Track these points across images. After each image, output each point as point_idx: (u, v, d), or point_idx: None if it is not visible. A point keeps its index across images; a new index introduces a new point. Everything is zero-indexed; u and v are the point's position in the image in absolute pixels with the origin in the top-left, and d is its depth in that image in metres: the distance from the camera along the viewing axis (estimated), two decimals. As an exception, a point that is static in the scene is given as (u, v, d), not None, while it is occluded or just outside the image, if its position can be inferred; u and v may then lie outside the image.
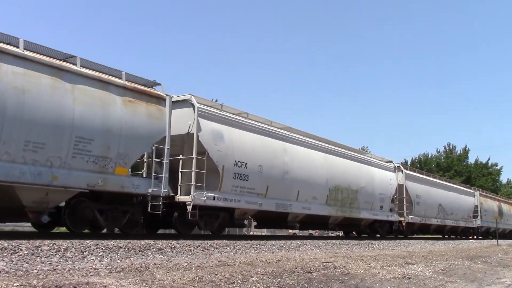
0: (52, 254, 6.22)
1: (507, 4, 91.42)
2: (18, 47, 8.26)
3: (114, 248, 7.18)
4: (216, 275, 5.39)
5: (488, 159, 63.53)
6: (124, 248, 7.30)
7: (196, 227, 12.50)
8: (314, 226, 19.71)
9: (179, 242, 8.80)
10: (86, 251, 6.67)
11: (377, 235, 20.86)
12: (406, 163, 56.38)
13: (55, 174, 8.39)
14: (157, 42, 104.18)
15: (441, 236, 30.72)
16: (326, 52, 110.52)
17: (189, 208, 10.84)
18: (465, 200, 29.70)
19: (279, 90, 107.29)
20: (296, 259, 8.15)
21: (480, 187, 43.17)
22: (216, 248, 8.85)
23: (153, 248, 7.72)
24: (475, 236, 32.67)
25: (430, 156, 62.79)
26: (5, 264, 5.40)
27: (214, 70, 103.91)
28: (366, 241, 15.72)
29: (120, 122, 9.54)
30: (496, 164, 62.93)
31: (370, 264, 7.85)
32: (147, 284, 4.60)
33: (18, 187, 8.04)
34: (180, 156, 11.49)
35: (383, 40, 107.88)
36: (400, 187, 21.47)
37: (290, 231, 27.51)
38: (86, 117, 8.92)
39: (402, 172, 22.08)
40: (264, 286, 5.00)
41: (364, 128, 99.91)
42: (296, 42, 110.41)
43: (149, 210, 10.04)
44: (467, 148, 62.92)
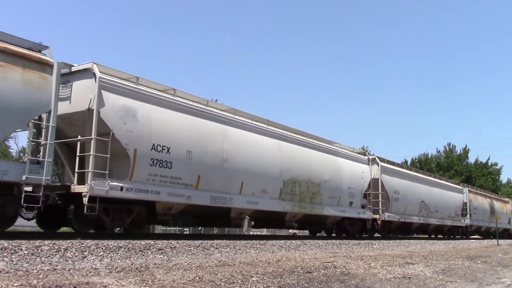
0: (52, 254, 6.22)
1: (507, 4, 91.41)
2: None
3: (114, 248, 7.18)
4: (216, 275, 5.39)
5: (488, 159, 63.59)
6: (124, 248, 7.30)
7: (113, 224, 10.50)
8: (268, 223, 17.02)
9: (179, 242, 8.80)
10: (86, 251, 6.67)
11: (344, 235, 18.65)
12: (406, 163, 56.36)
13: None
14: (156, 42, 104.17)
15: (426, 236, 28.81)
16: (326, 52, 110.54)
17: (85, 200, 8.90)
18: (452, 197, 27.50)
19: (279, 90, 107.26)
20: (296, 259, 8.15)
21: (480, 187, 43.00)
22: (216, 248, 8.85)
23: (153, 248, 7.72)
24: (464, 236, 30.49)
25: (430, 156, 62.80)
26: (5, 264, 5.41)
27: (214, 70, 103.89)
28: (366, 241, 15.71)
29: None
30: (496, 164, 62.98)
31: (370, 264, 7.85)
32: (147, 284, 4.60)
33: None
34: (79, 137, 9.40)
35: (383, 40, 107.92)
36: (374, 182, 19.24)
37: (290, 231, 26.06)
38: None
39: (378, 165, 19.66)
40: (264, 286, 4.99)
41: (364, 128, 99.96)
42: (296, 42, 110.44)
43: (22, 202, 8.18)
44: (467, 148, 62.97)
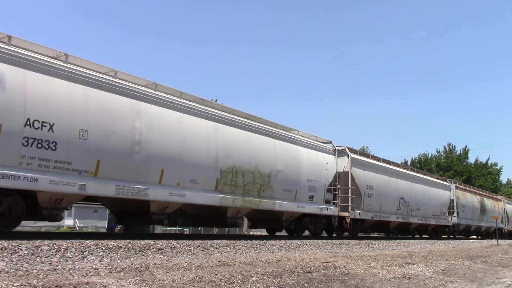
0: (52, 254, 6.22)
1: (507, 5, 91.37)
2: None
3: (114, 248, 7.18)
4: (216, 275, 5.39)
5: (488, 159, 63.74)
6: (124, 248, 7.30)
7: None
8: (207, 220, 14.06)
9: (179, 242, 8.80)
10: (86, 251, 6.67)
11: (303, 233, 17.04)
12: (406, 163, 56.38)
13: None
14: (156, 41, 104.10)
15: (403, 236, 26.25)
16: (327, 52, 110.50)
17: None
18: (437, 194, 25.34)
19: (279, 90, 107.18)
20: (296, 259, 8.14)
21: (480, 187, 42.88)
22: (216, 248, 8.85)
23: (153, 248, 7.72)
24: (451, 236, 28.68)
25: (430, 156, 62.86)
26: (5, 264, 5.40)
27: (214, 70, 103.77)
28: (366, 241, 15.70)
29: None
30: (496, 164, 63.13)
31: (370, 264, 7.85)
32: (147, 284, 4.60)
33: None
34: None
35: (383, 40, 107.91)
36: (344, 175, 17.35)
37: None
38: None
39: (348, 156, 17.60)
40: (264, 286, 4.99)
41: (364, 128, 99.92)
42: (296, 42, 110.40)
43: None
44: (467, 148, 63.09)
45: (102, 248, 6.99)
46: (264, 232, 29.92)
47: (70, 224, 41.81)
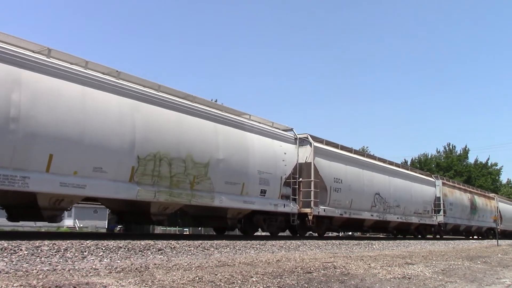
0: (52, 254, 6.22)
1: (507, 5, 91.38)
2: None
3: (114, 248, 7.18)
4: (216, 275, 5.40)
5: (488, 159, 63.75)
6: (124, 248, 7.30)
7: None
8: (129, 216, 11.80)
9: (179, 242, 8.81)
10: (86, 251, 6.67)
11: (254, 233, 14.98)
12: (406, 163, 56.39)
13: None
14: (156, 41, 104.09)
15: (383, 235, 25.31)
16: (327, 52, 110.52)
17: None
18: (420, 190, 23.20)
19: (279, 90, 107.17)
20: (296, 259, 8.14)
21: (480, 187, 42.69)
22: (216, 248, 8.85)
23: (153, 248, 7.72)
24: (438, 236, 26.67)
25: (430, 156, 62.87)
26: (5, 264, 5.40)
27: (214, 70, 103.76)
28: (366, 241, 15.71)
29: None
30: (496, 164, 63.16)
31: (370, 264, 7.85)
32: (147, 284, 4.60)
33: None
34: None
35: (383, 40, 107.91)
36: (306, 166, 15.24)
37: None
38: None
39: (310, 145, 15.45)
40: (264, 286, 4.99)
41: (364, 128, 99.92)
42: (296, 42, 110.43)
43: None
44: (467, 148, 63.09)
45: (102, 248, 7.00)
46: (264, 232, 29.75)
47: (70, 224, 41.84)
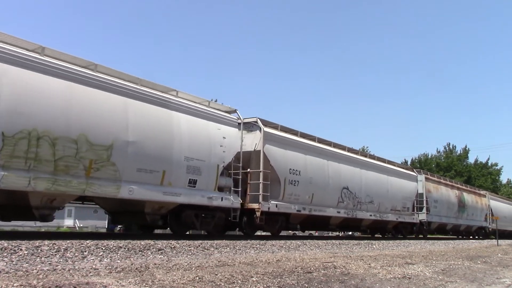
0: (52, 254, 6.22)
1: (507, 4, 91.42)
2: None
3: (114, 248, 7.18)
4: (216, 275, 5.40)
5: (488, 159, 63.77)
6: (124, 248, 7.30)
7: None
8: (5, 212, 9.58)
9: (179, 242, 8.80)
10: (86, 251, 6.67)
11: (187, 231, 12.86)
12: (406, 163, 56.39)
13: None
14: (156, 41, 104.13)
15: (358, 234, 23.53)
16: (327, 52, 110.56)
17: None
18: (398, 185, 20.78)
19: (279, 90, 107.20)
20: (296, 259, 8.15)
21: (480, 187, 42.52)
22: (216, 248, 8.85)
23: (153, 248, 7.72)
24: (421, 235, 24.59)
25: (430, 156, 62.90)
26: (5, 264, 5.41)
27: (214, 70, 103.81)
28: (366, 241, 15.70)
29: None
30: (496, 164, 63.19)
31: (370, 264, 7.85)
32: (147, 284, 4.60)
33: None
34: None
35: (383, 40, 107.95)
36: (255, 155, 13.12)
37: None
38: None
39: (260, 130, 13.22)
40: (264, 286, 4.99)
41: (364, 128, 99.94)
42: (296, 42, 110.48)
43: None
44: (467, 148, 63.12)
45: (102, 248, 7.00)
46: (264, 232, 28.46)
47: (70, 224, 41.85)
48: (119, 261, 6.46)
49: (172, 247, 8.13)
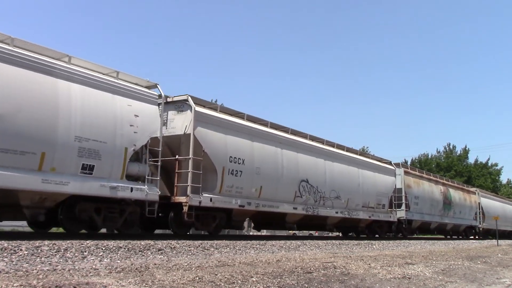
0: (52, 254, 6.23)
1: (507, 4, 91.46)
2: None
3: (114, 248, 7.18)
4: (216, 275, 5.40)
5: (488, 159, 63.78)
6: (124, 248, 7.30)
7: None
8: None
9: (179, 242, 8.81)
10: (86, 251, 6.67)
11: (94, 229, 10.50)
12: (406, 163, 56.37)
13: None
14: (156, 41, 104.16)
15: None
16: (327, 52, 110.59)
17: None
18: (372, 179, 18.49)
19: (279, 90, 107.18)
20: (296, 259, 8.15)
21: (480, 187, 42.31)
22: (216, 248, 8.85)
23: (153, 248, 7.72)
24: (401, 235, 22.27)
25: (430, 156, 62.91)
26: (5, 264, 5.41)
27: (214, 70, 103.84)
28: (366, 241, 15.70)
29: None
30: (496, 164, 63.20)
31: (370, 264, 7.86)
32: (147, 284, 4.60)
33: None
34: None
35: (383, 40, 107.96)
36: (184, 139, 11.19)
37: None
38: None
39: (191, 110, 11.14)
40: (264, 286, 5.00)
41: (364, 128, 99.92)
42: (296, 42, 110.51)
43: None
44: (467, 148, 63.12)
45: (102, 249, 7.00)
46: (264, 232, 27.47)
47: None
48: (119, 261, 6.47)
49: (172, 247, 8.14)
